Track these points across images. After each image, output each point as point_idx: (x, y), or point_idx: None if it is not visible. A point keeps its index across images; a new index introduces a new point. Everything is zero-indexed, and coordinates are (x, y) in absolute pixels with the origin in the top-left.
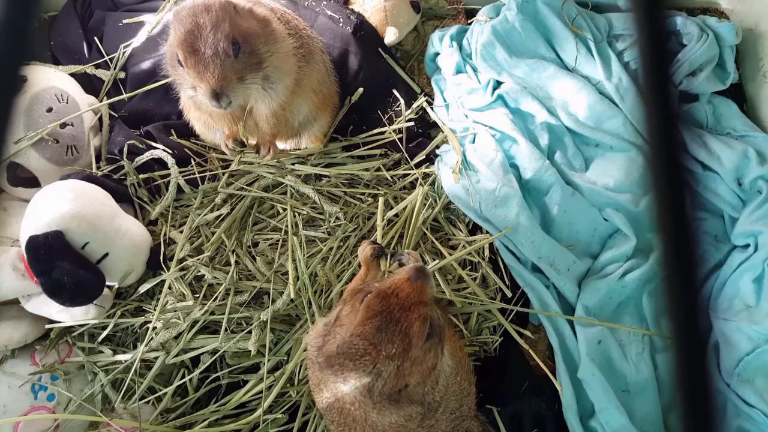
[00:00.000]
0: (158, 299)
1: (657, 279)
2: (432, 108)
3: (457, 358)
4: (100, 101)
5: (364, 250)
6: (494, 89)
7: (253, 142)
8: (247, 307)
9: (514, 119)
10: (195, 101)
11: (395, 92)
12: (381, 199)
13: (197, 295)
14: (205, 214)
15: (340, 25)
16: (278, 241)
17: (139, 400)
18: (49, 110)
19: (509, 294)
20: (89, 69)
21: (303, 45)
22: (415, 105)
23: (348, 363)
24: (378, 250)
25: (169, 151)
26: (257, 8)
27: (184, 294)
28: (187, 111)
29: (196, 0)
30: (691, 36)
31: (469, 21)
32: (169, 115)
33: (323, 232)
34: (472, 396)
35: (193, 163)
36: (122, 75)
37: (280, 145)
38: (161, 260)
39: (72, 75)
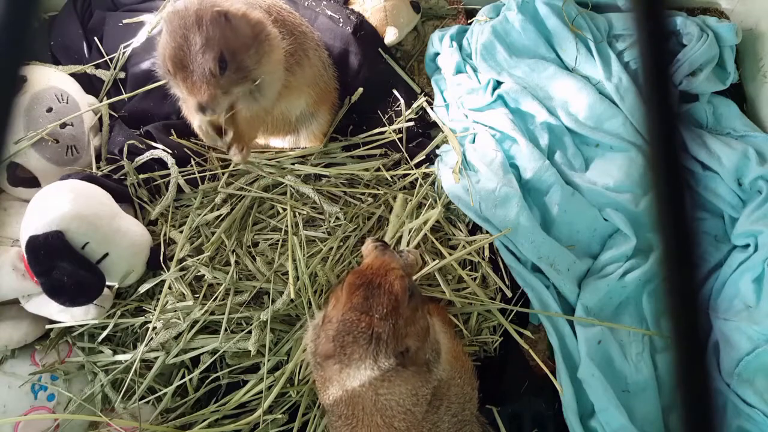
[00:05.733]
0: (158, 299)
1: (657, 279)
2: (432, 108)
3: (461, 362)
4: (100, 101)
5: (367, 246)
6: (494, 89)
7: (229, 137)
8: (247, 307)
9: (514, 119)
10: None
11: (395, 92)
12: (400, 196)
13: (197, 295)
14: (205, 214)
15: (340, 25)
16: (278, 241)
17: (139, 400)
18: (49, 110)
19: (509, 294)
20: (89, 69)
21: (297, 46)
22: (415, 105)
23: (347, 338)
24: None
25: (169, 151)
26: (251, 12)
27: (184, 294)
28: (185, 109)
29: (189, 7)
30: (691, 36)
31: (469, 21)
32: (169, 114)
33: (323, 232)
34: (474, 401)
35: (192, 163)
36: (122, 75)
37: (278, 142)
38: (161, 260)
39: (72, 75)
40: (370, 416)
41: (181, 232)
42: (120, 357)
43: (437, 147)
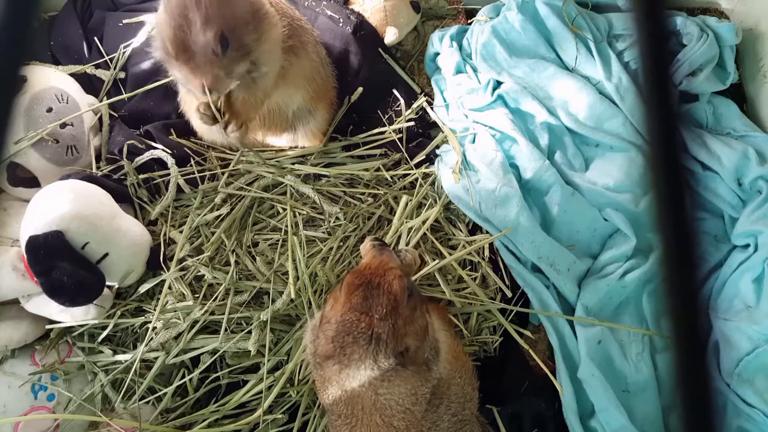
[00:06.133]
0: (158, 299)
1: (657, 279)
2: (432, 108)
3: (461, 362)
4: (100, 101)
5: (365, 245)
6: (494, 89)
7: (227, 117)
8: (247, 307)
9: (514, 119)
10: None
11: (395, 92)
12: (404, 198)
13: (197, 295)
14: (204, 214)
15: (340, 25)
16: (278, 241)
17: (139, 400)
18: (49, 110)
19: (509, 294)
20: (89, 69)
21: (294, 34)
22: (415, 105)
23: (347, 338)
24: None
25: (169, 151)
26: None
27: (184, 294)
28: (183, 105)
29: None
30: (691, 36)
31: (469, 21)
32: (169, 114)
33: (323, 232)
34: (475, 401)
35: (192, 162)
36: (122, 75)
37: (277, 140)
38: (161, 260)
39: (72, 75)
40: (370, 415)
41: (181, 232)
42: (120, 357)
43: (437, 147)
